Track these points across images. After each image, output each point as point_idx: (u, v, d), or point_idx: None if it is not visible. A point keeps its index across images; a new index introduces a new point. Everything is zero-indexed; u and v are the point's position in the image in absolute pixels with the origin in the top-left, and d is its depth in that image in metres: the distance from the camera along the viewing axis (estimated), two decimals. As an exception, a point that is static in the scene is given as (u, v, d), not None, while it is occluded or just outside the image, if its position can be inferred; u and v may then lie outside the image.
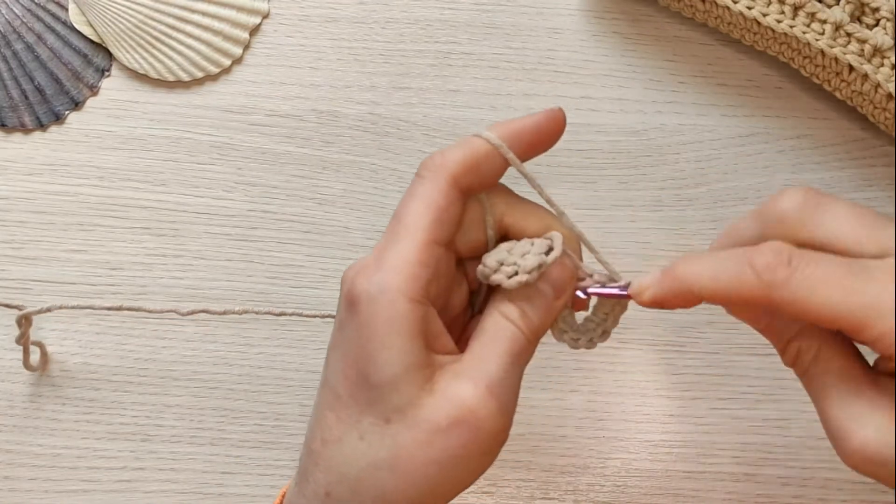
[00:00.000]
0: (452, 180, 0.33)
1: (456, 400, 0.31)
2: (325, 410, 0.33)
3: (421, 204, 0.33)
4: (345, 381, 0.32)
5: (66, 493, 0.48)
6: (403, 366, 0.31)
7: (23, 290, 0.49)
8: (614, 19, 0.52)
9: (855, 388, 0.31)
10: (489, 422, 0.32)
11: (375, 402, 0.32)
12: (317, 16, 0.52)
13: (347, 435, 0.32)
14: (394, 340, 0.31)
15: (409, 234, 0.32)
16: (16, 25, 0.51)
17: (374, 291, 0.32)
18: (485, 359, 0.32)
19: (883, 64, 0.46)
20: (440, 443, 0.31)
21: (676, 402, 0.49)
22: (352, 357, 0.32)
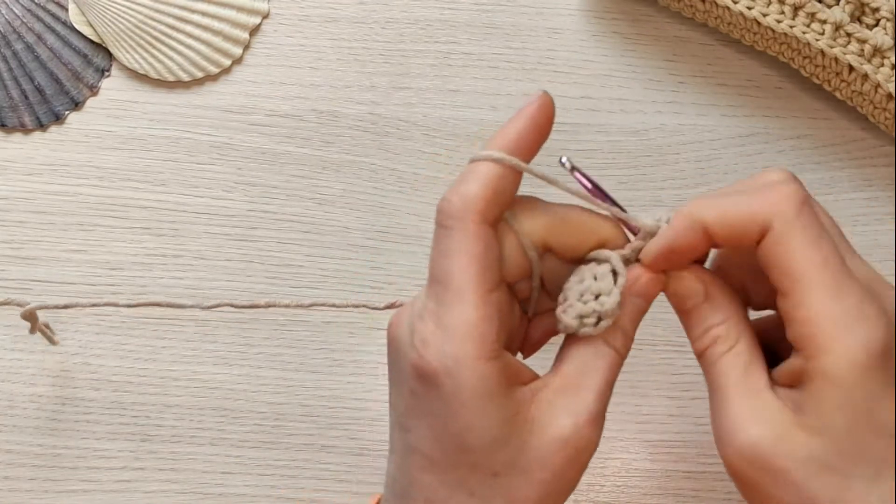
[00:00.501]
0: (482, 220, 0.32)
1: (558, 436, 0.32)
2: (423, 475, 0.33)
3: (461, 259, 0.32)
4: (440, 450, 0.32)
5: (66, 493, 0.48)
6: (499, 426, 0.31)
7: (23, 290, 0.49)
8: (614, 19, 0.52)
9: (755, 389, 0.32)
10: (591, 450, 0.33)
11: (480, 464, 0.32)
12: (317, 16, 0.52)
13: (455, 494, 0.32)
14: (486, 406, 0.31)
15: (462, 294, 0.31)
16: (16, 25, 0.51)
17: (450, 365, 0.31)
18: (581, 389, 0.33)
19: (883, 64, 0.46)
20: (552, 477, 0.32)
21: (676, 402, 0.49)
22: (443, 426, 0.32)
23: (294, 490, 0.48)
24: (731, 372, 0.32)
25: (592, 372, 0.33)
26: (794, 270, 0.31)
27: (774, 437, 0.30)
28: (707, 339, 0.33)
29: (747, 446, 0.31)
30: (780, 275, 0.31)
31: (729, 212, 0.32)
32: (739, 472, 0.31)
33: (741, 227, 0.31)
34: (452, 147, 0.51)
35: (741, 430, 0.31)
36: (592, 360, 0.33)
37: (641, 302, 0.34)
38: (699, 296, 0.33)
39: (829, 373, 0.30)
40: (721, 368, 0.32)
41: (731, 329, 0.33)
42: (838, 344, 0.30)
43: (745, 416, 0.31)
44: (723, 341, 0.33)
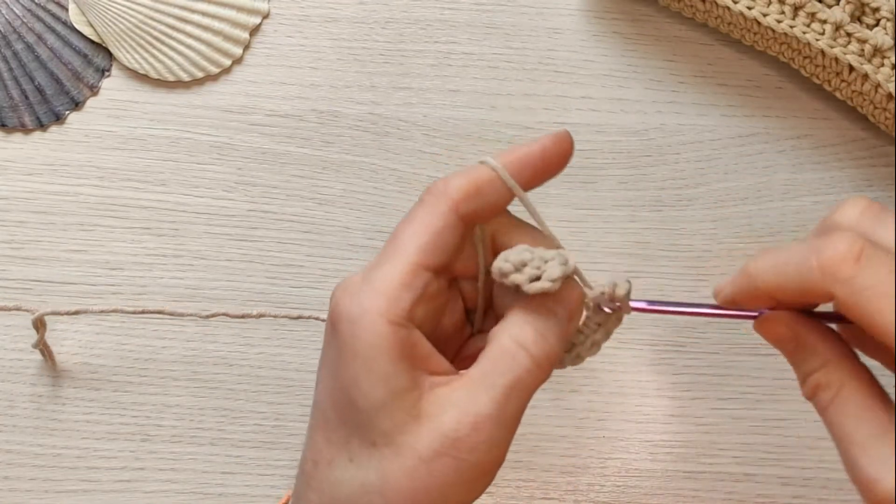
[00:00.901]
0: (453, 205, 0.32)
1: (439, 431, 0.30)
2: (316, 432, 0.33)
3: (416, 227, 0.32)
4: (332, 403, 0.32)
5: (66, 493, 0.48)
6: (388, 391, 0.31)
7: (23, 290, 0.49)
8: (614, 19, 0.52)
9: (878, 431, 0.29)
10: (473, 455, 0.31)
11: (362, 426, 0.31)
12: (317, 16, 0.52)
13: (338, 457, 0.32)
14: (377, 364, 0.30)
15: (398, 256, 0.32)
16: (16, 25, 0.51)
17: (354, 313, 0.31)
18: (479, 389, 0.31)
19: (883, 64, 0.46)
20: (424, 473, 0.31)
21: (676, 402, 0.49)
22: (338, 379, 0.31)
23: (294, 490, 0.48)
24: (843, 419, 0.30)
25: (498, 375, 0.31)
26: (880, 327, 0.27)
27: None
28: (809, 386, 0.31)
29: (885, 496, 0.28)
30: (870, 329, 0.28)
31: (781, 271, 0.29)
32: None
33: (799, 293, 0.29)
34: (452, 147, 0.51)
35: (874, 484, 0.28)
36: (502, 363, 0.31)
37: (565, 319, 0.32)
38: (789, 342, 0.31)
39: None
40: (833, 418, 0.30)
41: (831, 374, 0.30)
42: None
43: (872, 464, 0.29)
44: (824, 389, 0.30)
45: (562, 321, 0.32)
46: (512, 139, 0.50)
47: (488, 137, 0.50)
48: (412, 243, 0.32)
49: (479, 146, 0.50)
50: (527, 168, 0.33)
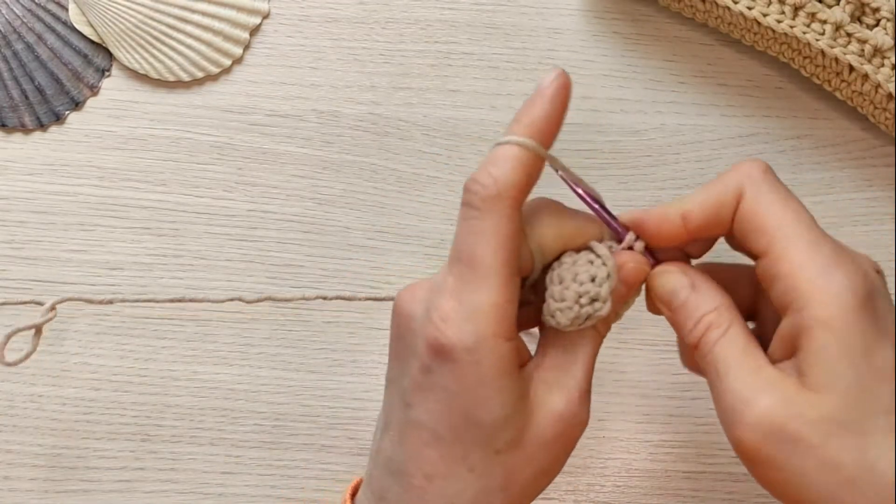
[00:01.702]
0: (514, 204, 0.32)
1: (555, 415, 0.33)
2: (425, 449, 0.33)
3: (492, 241, 0.32)
4: (447, 424, 0.33)
5: (66, 493, 0.48)
6: (513, 404, 0.32)
7: (23, 290, 0.49)
8: (614, 19, 0.52)
9: (756, 365, 0.32)
10: (583, 424, 0.34)
11: (485, 440, 0.33)
12: (317, 16, 0.52)
13: (456, 470, 0.33)
14: (503, 384, 0.32)
15: (489, 276, 0.32)
16: (16, 25, 0.51)
17: (470, 342, 0.31)
18: (571, 367, 0.34)
19: (883, 64, 0.46)
20: (544, 455, 0.33)
21: (676, 402, 0.49)
22: (454, 402, 0.32)
23: (294, 490, 0.48)
24: (729, 353, 0.32)
25: (578, 351, 0.34)
26: (769, 227, 0.32)
27: (784, 403, 0.30)
28: (700, 327, 0.33)
29: (758, 419, 0.30)
30: (758, 236, 0.32)
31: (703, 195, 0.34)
32: (754, 451, 0.31)
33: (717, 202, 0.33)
34: (452, 147, 0.51)
35: (749, 406, 0.31)
36: (577, 340, 0.34)
37: (622, 288, 0.34)
38: (686, 288, 0.34)
39: (822, 318, 0.30)
40: (719, 353, 0.32)
41: (722, 314, 0.33)
42: (825, 289, 0.30)
43: (750, 391, 0.31)
44: (716, 327, 0.33)
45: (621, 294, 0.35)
46: (512, 139, 0.50)
47: (488, 137, 0.50)
48: (495, 259, 0.32)
49: (479, 146, 0.50)
50: (547, 131, 0.34)
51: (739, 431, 0.31)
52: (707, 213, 0.34)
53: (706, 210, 0.34)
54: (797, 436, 0.30)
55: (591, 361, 0.34)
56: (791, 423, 0.30)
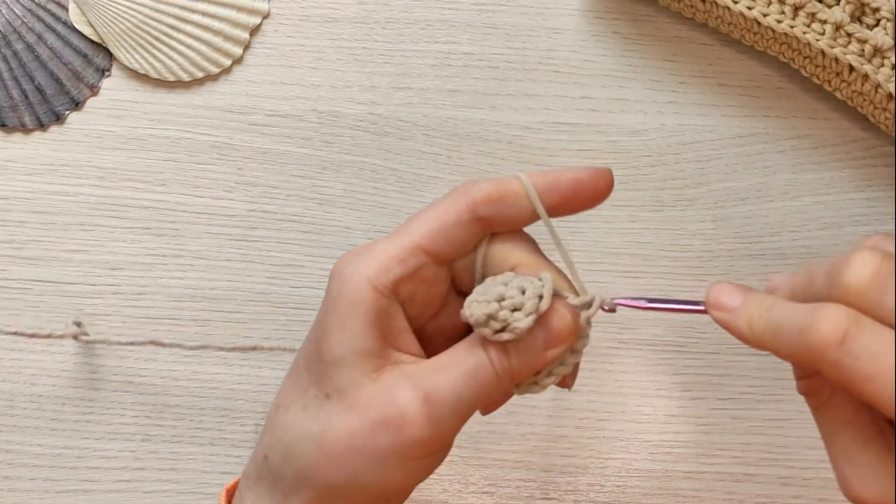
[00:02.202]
0: (472, 204, 0.33)
1: (389, 397, 0.32)
2: (287, 378, 0.35)
3: (430, 213, 0.34)
4: (304, 353, 0.34)
5: (66, 493, 0.48)
6: (353, 348, 0.32)
7: (23, 290, 0.49)
8: (614, 19, 0.52)
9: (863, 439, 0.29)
10: (415, 429, 0.31)
11: (322, 377, 0.33)
12: (317, 16, 0.52)
13: (295, 403, 0.34)
14: (349, 322, 0.32)
15: (403, 234, 0.33)
16: (16, 25, 0.51)
17: (346, 272, 0.33)
18: (439, 371, 0.32)
19: (883, 64, 0.46)
20: (365, 435, 0.32)
21: (676, 402, 0.49)
22: (314, 330, 0.34)
23: (294, 490, 0.48)
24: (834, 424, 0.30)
25: (456, 364, 0.32)
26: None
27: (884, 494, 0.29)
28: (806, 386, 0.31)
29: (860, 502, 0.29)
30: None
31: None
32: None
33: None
34: (452, 147, 0.51)
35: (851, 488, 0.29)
36: (462, 356, 0.32)
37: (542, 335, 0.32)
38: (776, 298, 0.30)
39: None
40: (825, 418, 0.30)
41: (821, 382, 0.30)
42: None
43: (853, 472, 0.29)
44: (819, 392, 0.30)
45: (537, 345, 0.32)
46: (512, 139, 0.50)
47: (488, 137, 0.50)
48: (420, 226, 0.33)
49: (479, 146, 0.50)
50: (555, 191, 0.33)
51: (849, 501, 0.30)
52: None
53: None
54: None
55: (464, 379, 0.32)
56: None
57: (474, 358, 0.32)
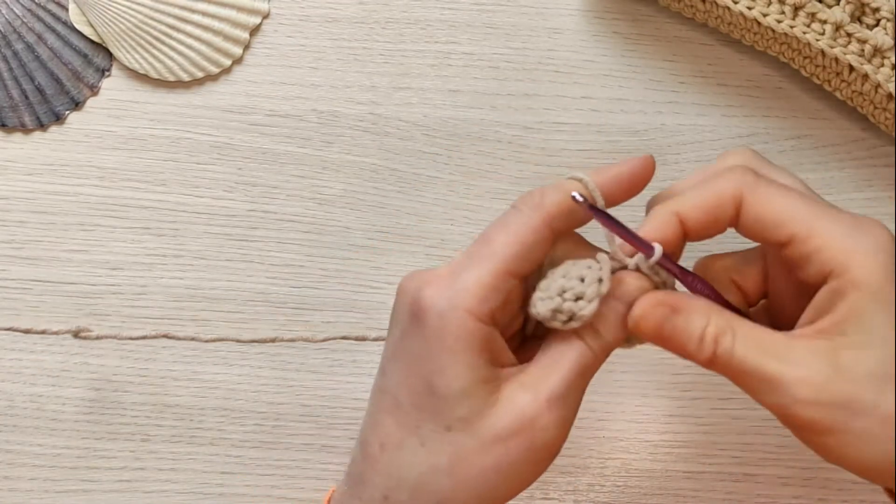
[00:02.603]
0: (548, 220, 0.34)
1: (516, 410, 0.32)
2: (384, 416, 0.34)
3: (511, 235, 0.34)
4: (407, 390, 0.33)
5: (66, 493, 0.48)
6: (470, 379, 0.32)
7: (23, 290, 0.49)
8: (614, 19, 0.52)
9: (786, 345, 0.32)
10: (546, 433, 0.33)
11: (439, 412, 0.33)
12: (317, 16, 0.52)
13: (408, 440, 0.33)
14: (463, 355, 0.32)
15: (490, 259, 0.33)
16: (16, 25, 0.51)
17: (444, 307, 0.33)
18: (549, 372, 0.33)
19: (883, 64, 0.46)
20: (498, 450, 0.32)
21: (676, 402, 0.49)
22: (417, 367, 0.33)
23: (294, 490, 0.48)
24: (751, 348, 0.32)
25: (561, 360, 0.33)
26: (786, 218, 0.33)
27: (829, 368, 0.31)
28: (707, 345, 0.33)
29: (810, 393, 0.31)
30: (777, 229, 0.33)
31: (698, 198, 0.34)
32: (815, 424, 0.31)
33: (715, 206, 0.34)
34: (452, 147, 0.51)
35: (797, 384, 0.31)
36: (562, 351, 0.34)
37: (620, 306, 0.34)
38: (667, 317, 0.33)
39: (860, 279, 0.31)
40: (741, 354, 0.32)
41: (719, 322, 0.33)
42: (858, 252, 0.31)
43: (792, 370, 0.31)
44: (723, 334, 0.33)
45: (619, 313, 0.34)
46: (512, 139, 0.50)
47: (488, 137, 0.50)
48: (505, 250, 0.33)
49: (479, 146, 0.50)
50: (616, 188, 0.35)
51: (796, 411, 0.31)
52: (705, 216, 0.34)
53: (704, 214, 0.34)
54: (851, 396, 0.30)
55: (573, 372, 0.33)
56: (842, 386, 0.31)
57: (574, 349, 0.33)
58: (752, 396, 0.33)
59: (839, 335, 0.31)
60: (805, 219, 0.33)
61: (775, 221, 0.33)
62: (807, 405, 0.31)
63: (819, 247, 0.32)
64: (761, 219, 0.33)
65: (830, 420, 0.31)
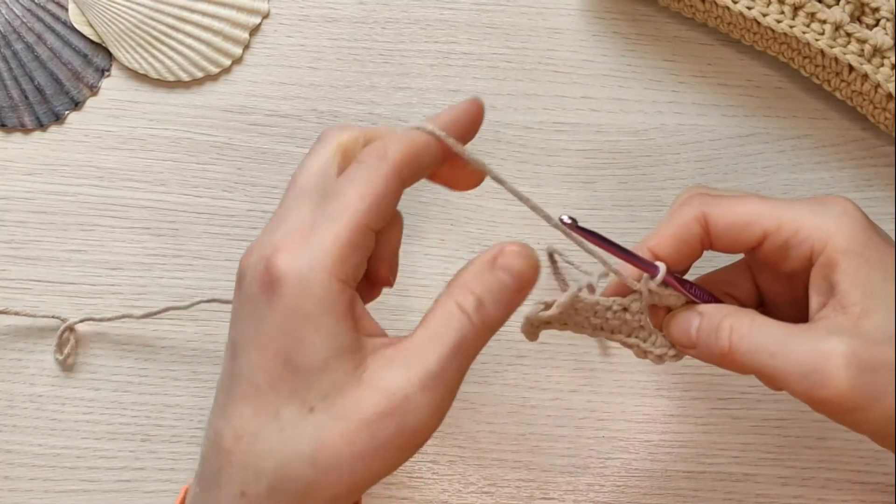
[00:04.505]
0: (396, 170, 0.32)
1: (386, 391, 0.30)
2: (238, 404, 0.31)
3: (360, 186, 0.32)
4: (264, 371, 0.30)
5: (66, 493, 0.48)
6: (334, 349, 0.30)
7: (23, 290, 0.49)
8: (614, 19, 0.52)
9: (801, 328, 0.33)
10: (419, 417, 0.30)
11: (300, 390, 0.30)
12: (317, 16, 0.52)
13: (265, 428, 0.30)
14: (325, 322, 0.30)
15: (344, 214, 0.31)
16: (16, 25, 0.51)
17: (302, 270, 0.30)
18: (425, 349, 0.31)
19: (883, 64, 0.46)
20: (366, 436, 0.30)
21: (676, 402, 0.49)
22: (274, 342, 0.30)
23: (294, 490, 0.48)
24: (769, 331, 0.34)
25: (443, 336, 0.31)
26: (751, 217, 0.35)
27: (851, 339, 0.32)
28: (724, 334, 0.34)
29: (840, 365, 0.31)
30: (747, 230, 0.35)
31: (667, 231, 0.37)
32: (850, 397, 0.31)
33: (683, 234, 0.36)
34: (452, 147, 0.50)
35: (825, 358, 0.32)
36: (442, 325, 0.31)
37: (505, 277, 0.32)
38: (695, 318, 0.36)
39: (842, 245, 0.33)
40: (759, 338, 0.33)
41: (737, 314, 0.35)
42: (830, 222, 0.34)
43: (816, 345, 0.32)
44: (739, 323, 0.34)
45: (508, 288, 0.32)
46: (512, 139, 0.50)
47: (488, 137, 0.50)
48: (358, 204, 0.31)
49: (479, 146, 0.50)
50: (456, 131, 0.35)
51: (832, 384, 0.32)
52: (676, 243, 0.37)
53: (675, 240, 0.36)
54: (882, 360, 0.31)
55: (453, 349, 0.31)
56: (869, 352, 0.31)
57: (455, 324, 0.31)
58: (781, 387, 0.34)
59: (850, 305, 0.32)
60: (770, 213, 0.35)
61: (744, 224, 0.35)
62: (843, 378, 0.31)
63: (793, 231, 0.34)
64: (731, 225, 0.35)
65: (866, 387, 0.31)
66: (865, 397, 0.31)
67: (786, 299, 0.38)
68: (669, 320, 0.37)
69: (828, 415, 0.33)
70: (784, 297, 0.38)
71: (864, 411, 0.32)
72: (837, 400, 0.32)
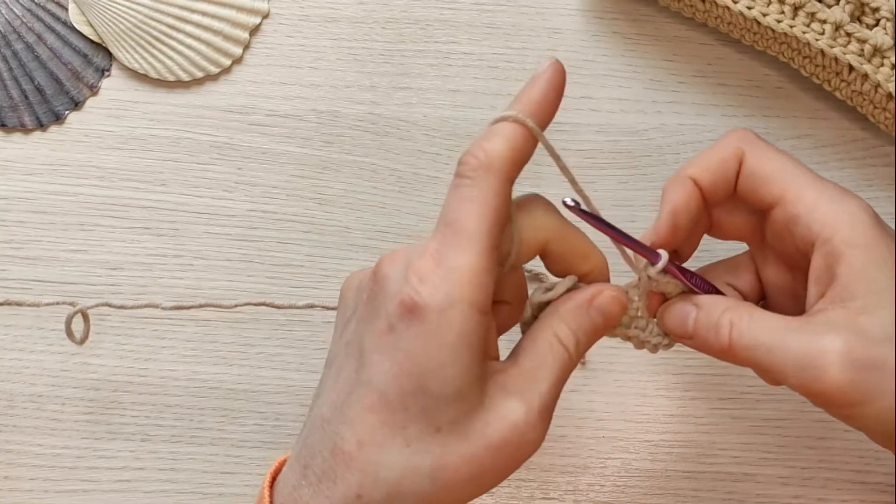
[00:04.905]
0: (505, 178, 0.32)
1: (509, 420, 0.32)
2: (366, 413, 0.32)
3: (479, 208, 0.32)
4: (397, 388, 0.31)
5: (66, 493, 0.48)
6: (467, 380, 0.31)
7: (23, 290, 0.49)
8: (614, 19, 0.52)
9: (800, 321, 0.33)
10: (534, 446, 0.32)
11: (429, 410, 0.31)
12: (317, 16, 0.52)
13: (391, 440, 0.32)
14: (464, 356, 0.31)
15: (471, 240, 0.31)
16: (16, 25, 0.51)
17: (443, 303, 0.31)
18: (537, 379, 0.33)
19: (883, 64, 0.46)
20: (487, 460, 0.32)
21: (676, 402, 0.49)
22: (410, 362, 0.31)
23: (294, 490, 0.48)
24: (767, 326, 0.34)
25: (546, 367, 0.33)
26: (777, 175, 0.35)
27: (850, 335, 0.32)
28: (723, 329, 0.34)
29: (837, 360, 0.31)
30: (769, 186, 0.35)
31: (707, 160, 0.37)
32: (847, 393, 0.32)
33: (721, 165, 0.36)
34: (452, 147, 0.51)
35: (823, 353, 0.32)
36: (547, 356, 0.33)
37: (597, 317, 0.34)
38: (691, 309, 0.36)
39: (851, 238, 0.33)
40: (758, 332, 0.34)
41: (736, 308, 0.35)
42: (844, 214, 0.33)
43: (814, 341, 0.32)
44: (738, 317, 0.34)
45: (597, 325, 0.35)
46: (512, 139, 0.50)
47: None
48: (480, 225, 0.31)
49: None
50: (542, 111, 0.33)
51: (827, 380, 0.32)
52: (715, 173, 0.36)
53: (714, 170, 0.36)
54: (881, 358, 0.31)
55: (558, 380, 0.33)
56: (868, 350, 0.31)
57: (558, 357, 0.33)
58: (779, 380, 0.34)
59: (851, 300, 0.32)
60: (795, 180, 0.35)
61: (768, 177, 0.35)
62: (838, 374, 0.31)
63: (807, 208, 0.34)
64: (756, 173, 0.35)
65: (862, 385, 0.31)
66: (863, 394, 0.31)
67: (788, 293, 0.37)
68: (665, 309, 0.37)
69: (826, 408, 0.33)
70: (786, 290, 0.38)
71: (860, 407, 0.32)
72: (833, 394, 0.32)
